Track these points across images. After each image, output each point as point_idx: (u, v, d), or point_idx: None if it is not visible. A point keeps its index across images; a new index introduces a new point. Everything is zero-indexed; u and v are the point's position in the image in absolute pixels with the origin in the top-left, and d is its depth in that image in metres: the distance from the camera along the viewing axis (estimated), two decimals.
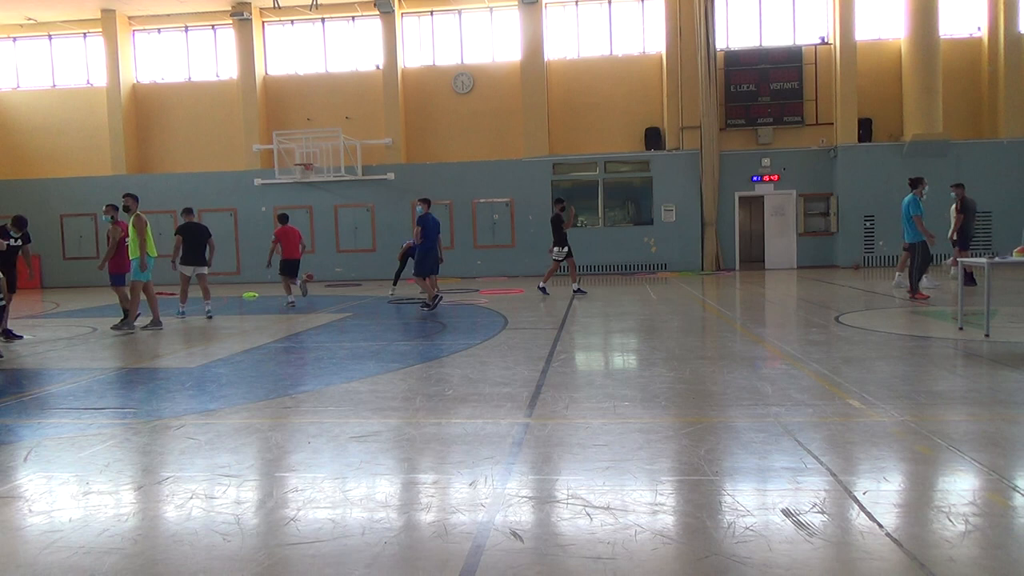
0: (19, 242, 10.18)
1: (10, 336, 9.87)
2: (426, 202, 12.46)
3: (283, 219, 14.41)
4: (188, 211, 12.70)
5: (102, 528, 3.28)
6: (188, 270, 12.20)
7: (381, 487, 3.75)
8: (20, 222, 10.29)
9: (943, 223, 19.72)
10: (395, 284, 15.56)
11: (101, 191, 21.11)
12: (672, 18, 20.74)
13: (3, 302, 9.33)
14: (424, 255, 12.10)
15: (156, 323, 10.49)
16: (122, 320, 10.50)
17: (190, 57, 23.14)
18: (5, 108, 23.41)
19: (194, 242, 12.21)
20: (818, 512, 3.21)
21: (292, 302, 13.51)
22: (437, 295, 12.25)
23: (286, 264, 14.13)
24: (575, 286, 14.30)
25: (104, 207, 11.04)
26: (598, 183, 21.16)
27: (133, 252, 10.41)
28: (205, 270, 12.41)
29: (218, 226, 19.71)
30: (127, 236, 10.63)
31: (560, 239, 13.76)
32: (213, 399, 5.90)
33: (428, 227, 12.04)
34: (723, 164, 20.58)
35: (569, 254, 13.92)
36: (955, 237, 13.03)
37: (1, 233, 9.87)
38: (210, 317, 11.94)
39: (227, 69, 22.90)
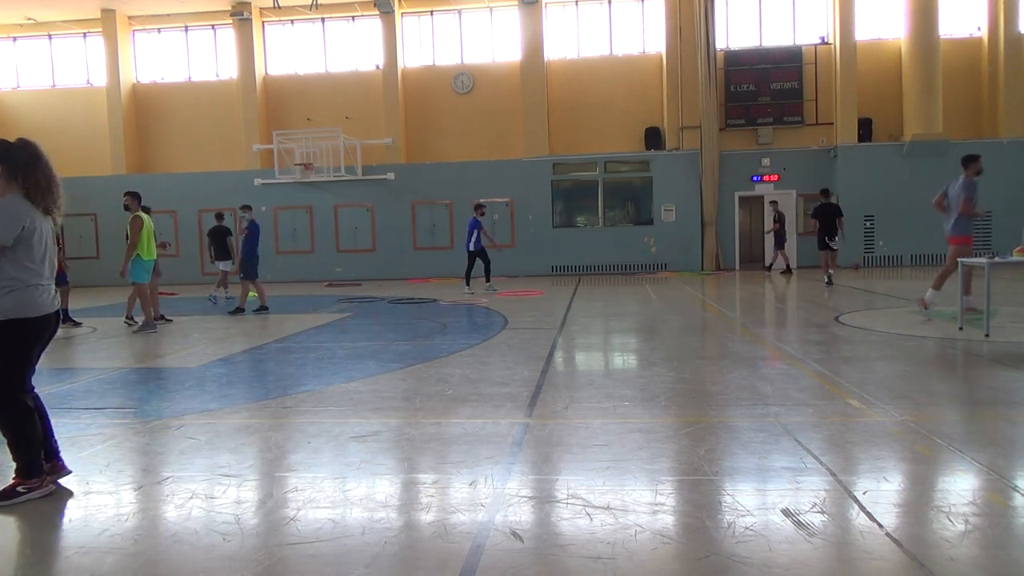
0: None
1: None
2: (249, 208, 13.22)
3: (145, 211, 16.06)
4: (219, 215, 15.76)
5: (102, 528, 3.28)
6: (220, 264, 15.16)
7: (381, 487, 3.75)
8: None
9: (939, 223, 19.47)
10: (468, 283, 15.62)
11: (101, 191, 21.14)
12: (672, 18, 20.73)
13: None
14: (250, 259, 12.65)
15: (149, 326, 10.43)
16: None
17: (190, 57, 23.13)
18: (5, 108, 23.40)
19: (219, 242, 15.05)
20: (818, 512, 3.21)
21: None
22: (240, 309, 12.56)
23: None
24: (827, 277, 14.77)
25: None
26: (598, 183, 21.16)
27: (131, 253, 10.39)
28: (229, 264, 15.08)
29: None
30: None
31: (833, 229, 14.66)
32: (213, 399, 5.90)
33: (253, 232, 12.85)
34: (723, 164, 20.58)
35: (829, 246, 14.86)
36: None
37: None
38: (213, 302, 14.71)
39: (227, 69, 22.90)
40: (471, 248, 15.39)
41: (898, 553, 2.81)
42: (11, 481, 3.68)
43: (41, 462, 3.73)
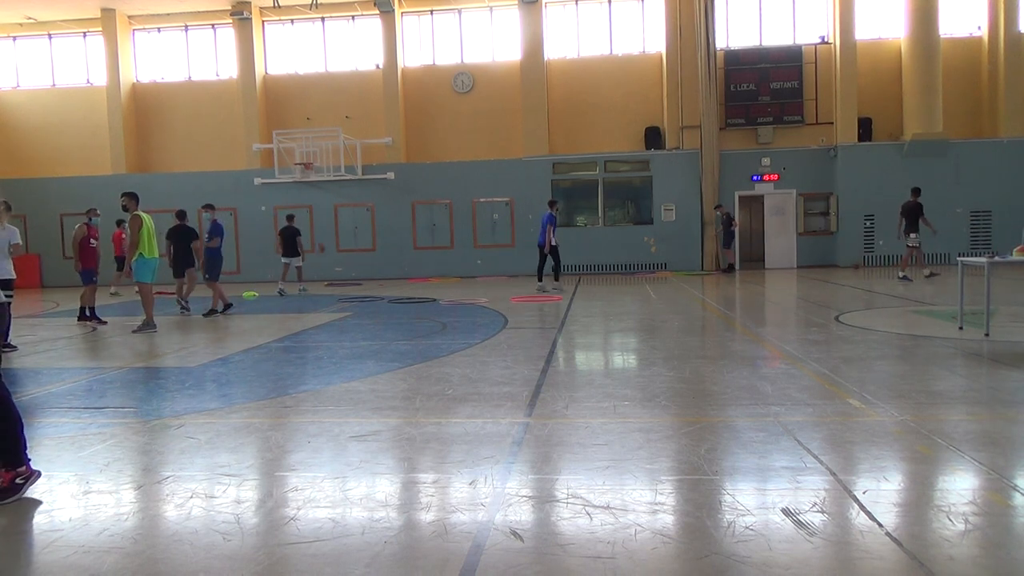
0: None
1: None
2: (212, 208, 13.30)
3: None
4: (290, 216, 17.13)
5: (102, 527, 3.28)
6: (287, 260, 16.52)
7: (381, 486, 3.75)
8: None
9: (943, 222, 19.72)
10: (541, 279, 15.41)
11: (101, 190, 21.10)
12: (672, 18, 20.72)
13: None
14: (214, 259, 12.60)
15: (150, 325, 10.42)
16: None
17: (190, 56, 23.12)
18: (5, 108, 23.39)
19: (289, 240, 16.48)
20: (818, 511, 3.21)
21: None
22: (228, 305, 12.51)
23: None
24: (901, 273, 15.12)
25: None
26: (598, 183, 21.15)
27: (132, 253, 10.40)
28: (299, 260, 16.63)
29: None
30: (93, 237, 11.56)
31: (915, 226, 15.04)
32: (213, 399, 5.90)
33: (217, 233, 12.77)
34: (723, 164, 20.57)
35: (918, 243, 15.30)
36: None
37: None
38: (303, 290, 16.60)
39: (227, 68, 22.88)
40: (541, 243, 15.15)
41: (898, 552, 2.81)
42: (3, 476, 3.69)
43: (24, 448, 3.79)
